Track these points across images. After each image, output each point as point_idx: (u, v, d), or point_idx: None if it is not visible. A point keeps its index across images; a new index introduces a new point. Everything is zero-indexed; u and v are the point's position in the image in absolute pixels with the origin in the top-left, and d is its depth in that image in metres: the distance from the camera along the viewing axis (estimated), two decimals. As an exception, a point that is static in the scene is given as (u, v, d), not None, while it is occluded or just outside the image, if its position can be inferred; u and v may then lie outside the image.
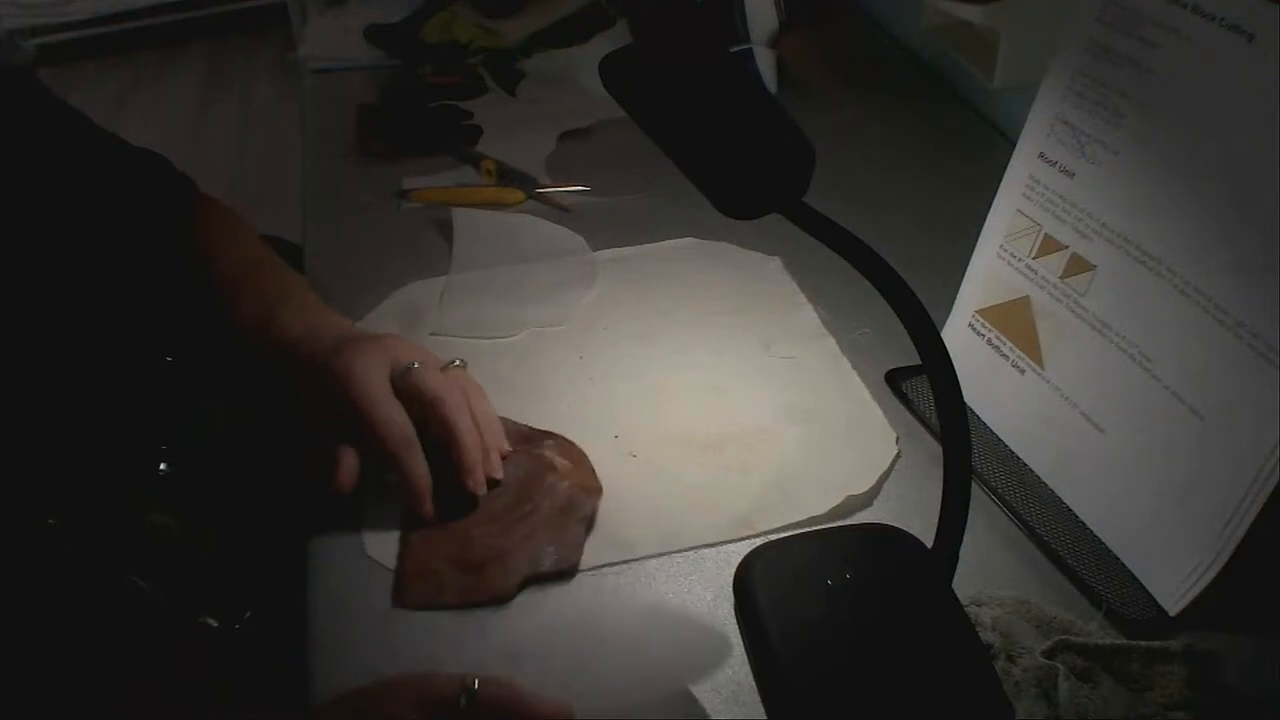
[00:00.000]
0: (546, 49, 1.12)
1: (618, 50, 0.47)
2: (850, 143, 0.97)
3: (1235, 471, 0.50)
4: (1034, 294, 0.61)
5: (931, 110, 1.04)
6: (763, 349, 0.72)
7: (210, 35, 3.23)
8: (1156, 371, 0.54)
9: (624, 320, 0.75)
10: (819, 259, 0.59)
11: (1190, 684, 0.49)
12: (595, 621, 0.55)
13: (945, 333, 0.67)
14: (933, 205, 0.87)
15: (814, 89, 1.09)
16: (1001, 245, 0.63)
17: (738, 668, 0.52)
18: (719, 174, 0.44)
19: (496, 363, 0.71)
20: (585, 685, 0.51)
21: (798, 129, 0.43)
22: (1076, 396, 0.59)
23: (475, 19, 1.16)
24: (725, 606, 0.55)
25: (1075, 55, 0.56)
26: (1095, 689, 0.49)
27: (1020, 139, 0.61)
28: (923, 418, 0.66)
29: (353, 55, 1.14)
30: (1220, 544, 0.51)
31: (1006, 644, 0.51)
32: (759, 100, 0.46)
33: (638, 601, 0.56)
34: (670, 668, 0.52)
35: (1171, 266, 0.52)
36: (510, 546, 0.57)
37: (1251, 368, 0.49)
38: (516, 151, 0.95)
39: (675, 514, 0.60)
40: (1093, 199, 0.56)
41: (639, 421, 0.66)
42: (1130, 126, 0.54)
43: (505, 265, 0.80)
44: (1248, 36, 0.47)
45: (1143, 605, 0.54)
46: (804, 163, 0.43)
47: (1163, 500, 0.54)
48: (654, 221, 0.85)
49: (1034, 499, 0.61)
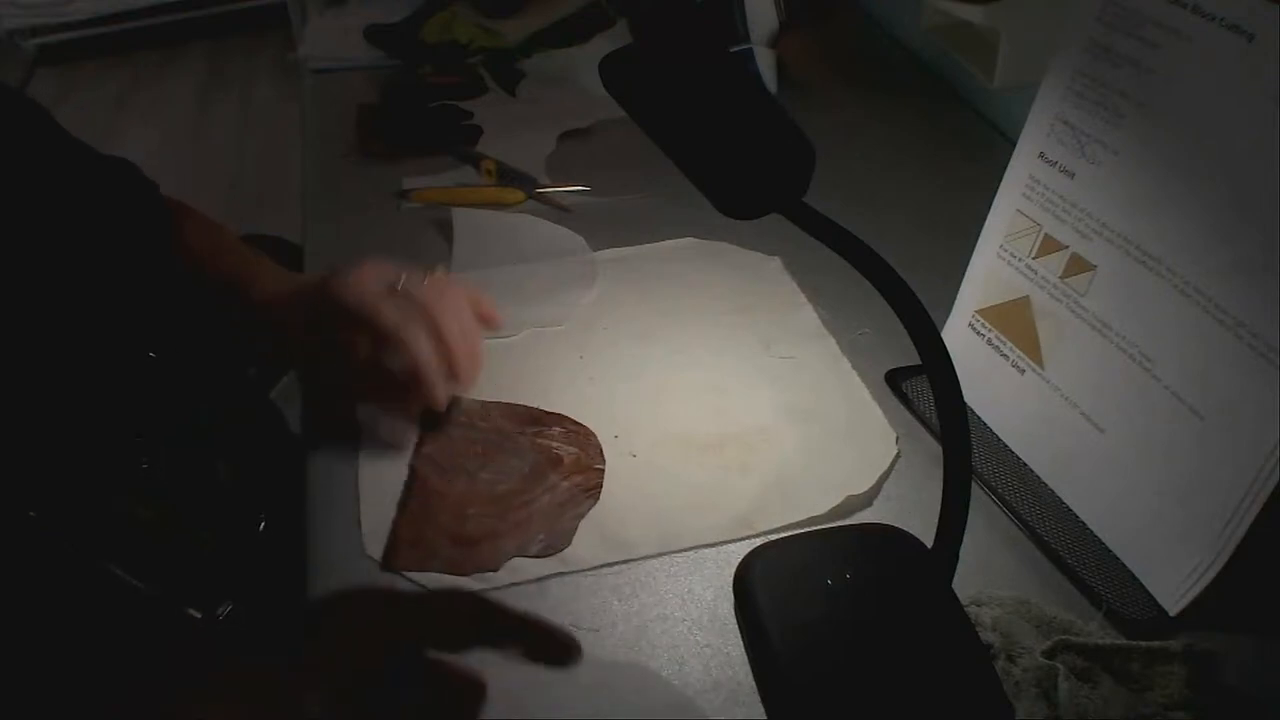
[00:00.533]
0: (546, 49, 1.11)
1: (618, 50, 0.48)
2: (850, 143, 0.97)
3: (1235, 471, 0.50)
4: (1034, 294, 0.61)
5: (931, 110, 1.04)
6: (763, 349, 0.72)
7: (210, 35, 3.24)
8: (1156, 371, 0.54)
9: (624, 320, 0.75)
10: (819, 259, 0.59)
11: (1190, 684, 0.49)
12: (595, 622, 0.55)
13: (945, 333, 0.67)
14: (933, 205, 0.87)
15: (814, 89, 1.09)
16: (1001, 245, 0.63)
17: (738, 668, 0.52)
18: (719, 174, 0.44)
19: (497, 362, 0.71)
20: (585, 685, 0.52)
21: (798, 129, 0.43)
22: (1076, 396, 0.59)
23: (475, 19, 1.16)
24: (725, 606, 0.55)
25: (1075, 55, 0.56)
26: (1095, 689, 0.49)
27: (1020, 139, 0.61)
28: (923, 418, 0.66)
29: (353, 55, 1.14)
30: (1220, 544, 0.51)
31: (1006, 644, 0.51)
32: (759, 100, 0.46)
33: (638, 601, 0.56)
34: (670, 668, 0.53)
35: (1171, 266, 0.52)
36: (503, 529, 0.58)
37: (1251, 368, 0.49)
38: (516, 151, 0.95)
39: (675, 514, 0.60)
40: (1093, 199, 0.56)
41: (639, 421, 0.66)
42: (1130, 126, 0.54)
43: (505, 265, 0.80)
44: (1248, 36, 0.47)
45: (1143, 605, 0.54)
46: (804, 163, 0.43)
47: (1163, 500, 0.54)
48: (654, 221, 0.85)
49: (1034, 499, 0.61)
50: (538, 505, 0.60)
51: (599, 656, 0.53)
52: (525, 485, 0.61)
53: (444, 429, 0.64)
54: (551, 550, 0.58)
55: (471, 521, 0.59)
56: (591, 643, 0.54)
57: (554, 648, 0.42)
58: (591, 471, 0.62)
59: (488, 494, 0.61)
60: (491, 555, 0.57)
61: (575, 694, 0.51)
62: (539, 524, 0.59)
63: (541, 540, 0.58)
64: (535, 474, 0.62)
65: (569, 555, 0.58)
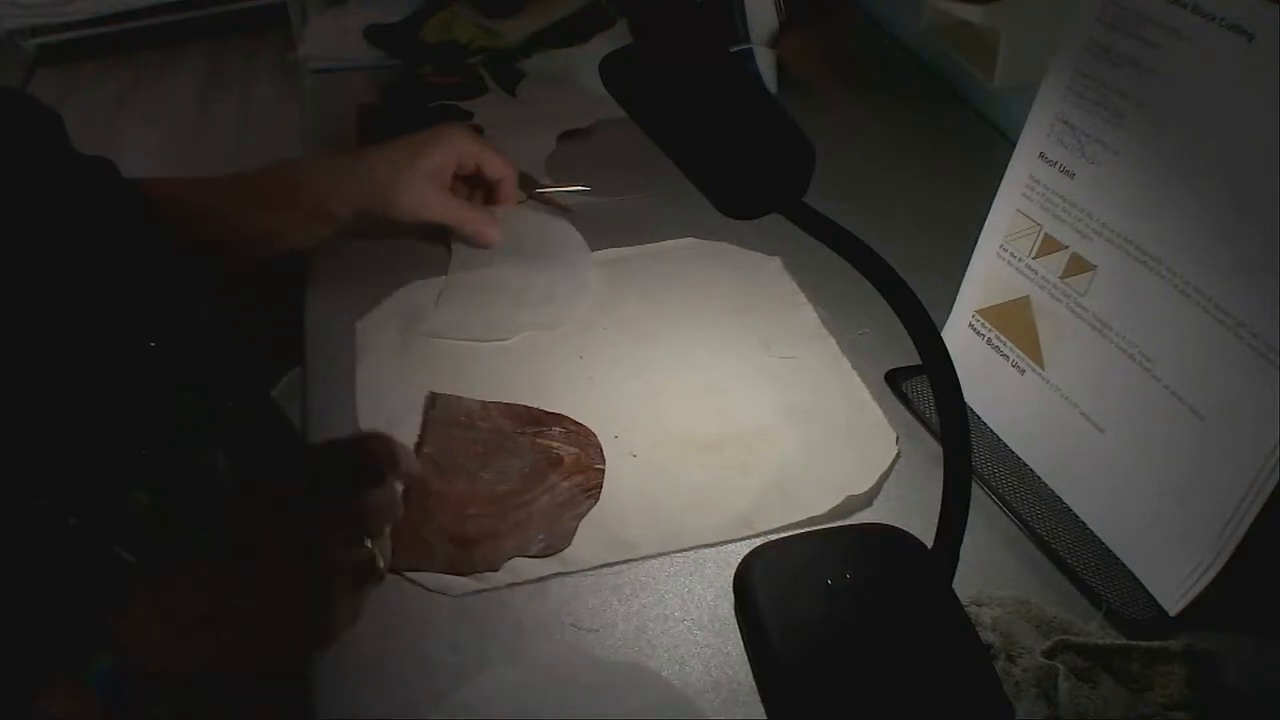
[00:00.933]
0: (546, 49, 1.11)
1: (618, 50, 0.48)
2: (850, 143, 0.97)
3: (1235, 471, 0.50)
4: (1034, 294, 0.61)
5: (931, 110, 1.04)
6: (763, 349, 0.72)
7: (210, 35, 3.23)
8: (1156, 371, 0.54)
9: (624, 320, 0.75)
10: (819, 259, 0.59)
11: (1190, 684, 0.49)
12: (595, 622, 0.55)
13: (945, 333, 0.67)
14: (933, 205, 0.87)
15: (814, 89, 1.09)
16: (1001, 245, 0.63)
17: (738, 668, 0.52)
18: (719, 174, 0.44)
19: (497, 362, 0.71)
20: (585, 685, 0.52)
21: (798, 129, 0.43)
22: (1076, 396, 0.59)
23: (475, 19, 1.16)
24: (725, 606, 0.55)
25: (1075, 55, 0.56)
26: (1095, 689, 0.49)
27: (1020, 139, 0.61)
28: (923, 418, 0.66)
29: (353, 55, 1.14)
30: (1220, 544, 0.51)
31: (1006, 644, 0.51)
32: (759, 100, 0.46)
33: (638, 601, 0.56)
34: (670, 668, 0.53)
35: (1171, 266, 0.52)
36: (503, 530, 0.58)
37: (1251, 368, 0.49)
38: (516, 151, 0.95)
39: (675, 514, 0.60)
40: (1093, 199, 0.56)
41: (639, 421, 0.66)
42: (1130, 126, 0.54)
43: (505, 266, 0.80)
44: (1248, 36, 0.47)
45: (1143, 605, 0.54)
46: (804, 163, 0.43)
47: (1163, 500, 0.54)
48: (654, 221, 0.85)
49: (1034, 499, 0.61)
50: (538, 505, 0.60)
51: (599, 656, 0.53)
52: (525, 485, 0.61)
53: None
54: (551, 550, 0.58)
55: (471, 522, 0.59)
56: (591, 643, 0.54)
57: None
58: (591, 471, 0.62)
59: (488, 494, 0.61)
60: (491, 555, 0.57)
61: (575, 694, 0.51)
62: (539, 524, 0.59)
63: (541, 540, 0.58)
64: (535, 474, 0.62)
65: (569, 555, 0.58)
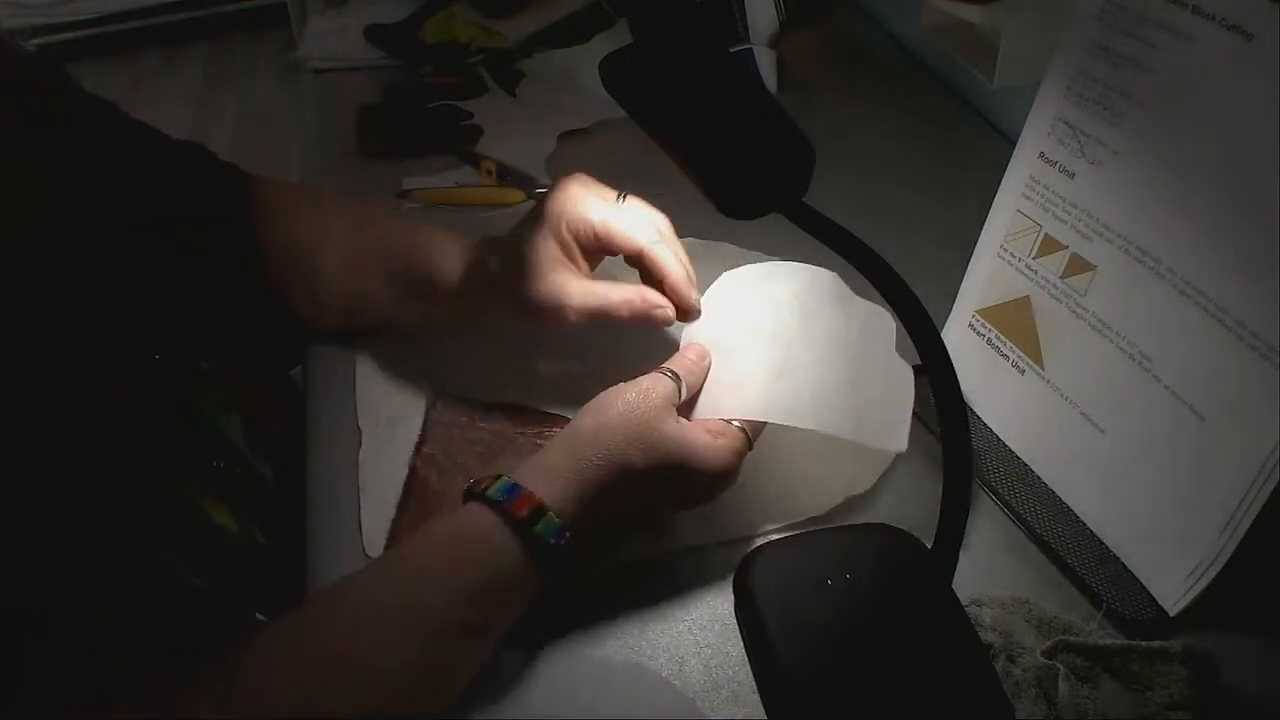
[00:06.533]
0: (546, 49, 1.11)
1: (618, 50, 0.48)
2: (850, 143, 0.97)
3: (1235, 471, 0.50)
4: (1034, 294, 0.61)
5: (931, 110, 1.04)
6: (763, 349, 0.72)
7: (210, 35, 3.23)
8: (1156, 371, 0.54)
9: (624, 320, 0.75)
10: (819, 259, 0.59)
11: (1190, 684, 0.49)
12: (595, 622, 0.55)
13: (945, 333, 0.67)
14: (932, 206, 0.87)
15: (814, 89, 1.09)
16: (1002, 245, 0.63)
17: (738, 668, 0.52)
18: (719, 174, 0.44)
19: (498, 362, 0.71)
20: (585, 685, 0.52)
21: (798, 129, 0.43)
22: (1076, 396, 0.59)
23: (475, 19, 1.16)
24: (725, 606, 0.55)
25: (1075, 55, 0.56)
26: (1095, 689, 0.49)
27: (1020, 139, 0.61)
28: (923, 418, 0.66)
29: (353, 55, 1.14)
30: (1220, 544, 0.51)
31: (1006, 644, 0.51)
32: (759, 100, 0.46)
33: (638, 601, 0.56)
34: (670, 668, 0.52)
35: (1171, 266, 0.52)
36: None
37: (1251, 368, 0.49)
38: (516, 151, 0.95)
39: (675, 514, 0.60)
40: (1093, 199, 0.56)
41: (639, 421, 0.66)
42: (1130, 126, 0.54)
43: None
44: (1248, 36, 0.47)
45: (1143, 605, 0.54)
46: (804, 163, 0.43)
47: (1163, 500, 0.54)
48: (654, 221, 0.84)
49: (1034, 499, 0.61)
50: None
51: (599, 656, 0.53)
52: None
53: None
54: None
55: None
56: (591, 643, 0.54)
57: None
58: None
59: None
60: None
61: (575, 694, 0.51)
62: None
63: None
64: None
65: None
